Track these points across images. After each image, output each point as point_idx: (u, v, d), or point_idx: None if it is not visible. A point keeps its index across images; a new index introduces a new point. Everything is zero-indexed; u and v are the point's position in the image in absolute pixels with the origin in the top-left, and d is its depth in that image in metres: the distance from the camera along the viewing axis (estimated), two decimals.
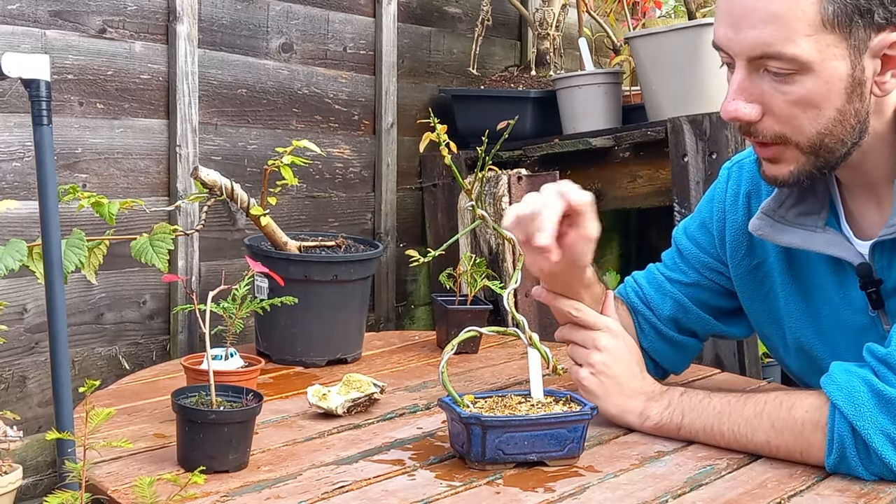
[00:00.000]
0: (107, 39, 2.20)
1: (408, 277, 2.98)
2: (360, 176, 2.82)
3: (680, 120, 2.54)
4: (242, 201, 1.87)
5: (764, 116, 1.33)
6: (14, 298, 2.05)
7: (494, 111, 2.68)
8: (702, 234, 1.65)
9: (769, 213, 1.46)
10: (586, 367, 1.50)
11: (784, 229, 1.45)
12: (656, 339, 1.67)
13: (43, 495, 1.91)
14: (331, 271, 1.93)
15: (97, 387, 1.10)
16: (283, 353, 1.93)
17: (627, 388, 1.49)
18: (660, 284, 1.68)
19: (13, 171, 2.05)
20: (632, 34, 2.79)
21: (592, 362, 1.49)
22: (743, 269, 1.59)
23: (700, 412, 1.42)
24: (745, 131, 1.36)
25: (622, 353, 1.50)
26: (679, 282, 1.66)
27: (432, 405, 1.64)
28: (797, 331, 1.53)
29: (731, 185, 1.60)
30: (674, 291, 1.66)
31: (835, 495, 1.26)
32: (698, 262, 1.65)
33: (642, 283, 1.71)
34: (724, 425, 1.40)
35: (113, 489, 1.24)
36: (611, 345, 1.50)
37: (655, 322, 1.67)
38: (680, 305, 1.65)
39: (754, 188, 1.56)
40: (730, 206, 1.59)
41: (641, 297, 1.69)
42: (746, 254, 1.58)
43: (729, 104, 1.34)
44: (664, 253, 1.73)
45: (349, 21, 2.77)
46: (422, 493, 1.24)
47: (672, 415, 1.44)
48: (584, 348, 1.51)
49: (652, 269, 1.72)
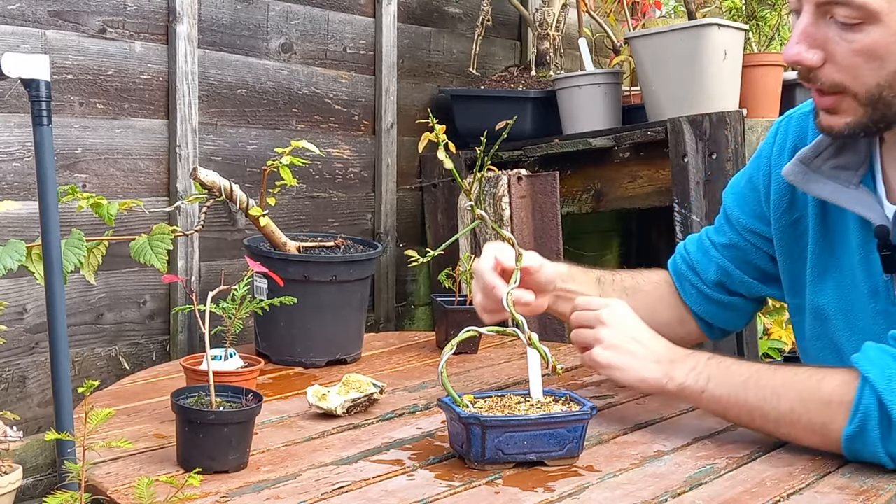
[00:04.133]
0: (107, 39, 2.20)
1: (408, 277, 2.98)
2: (359, 176, 2.82)
3: (680, 120, 2.54)
4: (241, 202, 1.87)
5: (825, 64, 1.33)
6: (14, 298, 2.05)
7: (494, 111, 2.68)
8: (749, 190, 1.65)
9: (805, 160, 1.46)
10: (596, 346, 1.48)
11: (816, 179, 1.45)
12: (704, 302, 1.71)
13: (43, 495, 1.91)
14: (330, 272, 1.93)
15: (97, 387, 1.10)
16: (282, 353, 1.93)
17: (645, 352, 1.46)
18: (706, 250, 1.70)
19: (13, 171, 2.05)
20: (632, 34, 2.79)
21: (600, 338, 1.47)
22: (784, 223, 1.58)
23: (727, 378, 1.40)
24: (805, 77, 1.36)
25: (627, 320, 1.49)
26: (723, 245, 1.68)
27: (432, 405, 1.64)
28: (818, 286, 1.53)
29: (779, 138, 1.60)
30: (717, 256, 1.68)
31: (834, 493, 1.26)
32: (739, 224, 1.66)
33: (690, 249, 1.74)
34: (749, 392, 1.38)
35: (112, 490, 1.24)
36: (613, 316, 1.48)
37: (702, 286, 1.70)
38: (724, 270, 1.67)
39: (800, 141, 1.55)
40: (776, 160, 1.59)
41: (689, 263, 1.73)
42: (788, 208, 1.58)
43: (791, 48, 1.34)
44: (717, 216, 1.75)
45: (349, 21, 2.77)
46: (421, 494, 1.24)
47: (697, 378, 1.42)
48: (588, 329, 1.50)
49: (702, 234, 1.75)
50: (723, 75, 2.63)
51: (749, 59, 2.76)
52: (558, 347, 2.15)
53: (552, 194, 2.58)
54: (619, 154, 2.77)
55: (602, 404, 1.64)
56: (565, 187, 2.79)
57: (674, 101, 2.63)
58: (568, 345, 2.26)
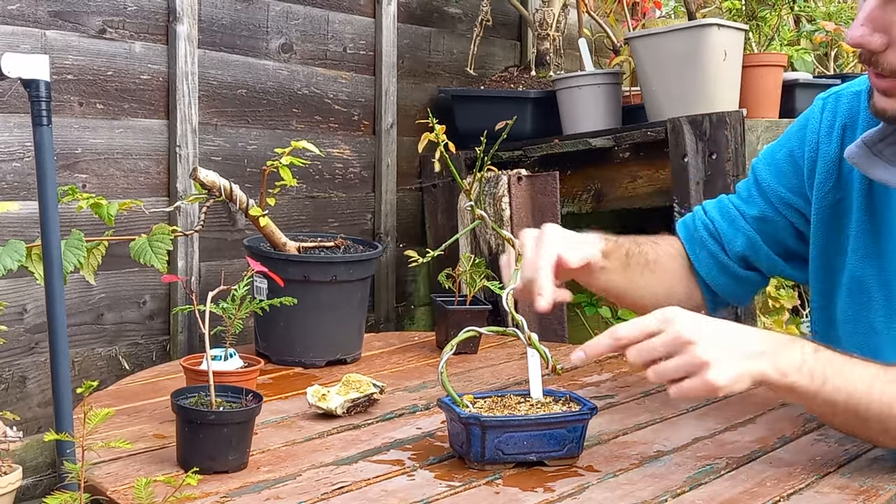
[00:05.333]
0: (107, 40, 2.20)
1: (408, 278, 2.98)
2: (359, 176, 2.82)
3: (680, 120, 2.54)
4: (241, 202, 1.87)
5: (888, 48, 1.31)
6: (14, 298, 2.05)
7: (494, 111, 2.68)
8: (788, 164, 1.61)
9: (869, 143, 1.42)
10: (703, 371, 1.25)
11: (878, 163, 1.42)
12: (719, 273, 1.66)
13: (43, 495, 1.91)
14: (330, 272, 1.93)
15: (97, 387, 1.10)
16: (282, 353, 1.93)
17: (750, 350, 1.29)
18: (733, 219, 1.65)
19: (13, 172, 2.05)
20: (632, 35, 2.79)
21: (703, 361, 1.25)
22: (827, 202, 1.55)
23: (844, 382, 1.28)
24: (866, 59, 1.34)
25: (709, 324, 1.30)
26: (753, 217, 1.63)
27: (432, 405, 1.64)
28: (858, 269, 1.50)
29: (827, 115, 1.57)
30: (747, 228, 1.63)
31: (834, 493, 1.26)
32: (775, 196, 1.61)
33: (714, 216, 1.67)
34: (873, 403, 1.27)
35: (112, 490, 1.24)
36: (695, 328, 1.28)
37: (721, 256, 1.65)
38: (752, 243, 1.63)
39: (850, 121, 1.53)
40: (824, 137, 1.56)
41: (711, 230, 1.67)
42: (833, 187, 1.54)
43: (856, 30, 1.31)
44: (739, 183, 1.70)
45: (349, 21, 2.77)
46: (421, 494, 1.24)
47: (812, 378, 1.28)
48: (674, 356, 1.27)
49: (724, 201, 1.69)
50: (723, 75, 2.63)
51: (749, 59, 2.76)
52: (558, 347, 2.14)
53: (552, 194, 2.58)
54: (619, 154, 2.77)
55: (602, 404, 1.64)
56: (565, 187, 2.79)
57: (674, 102, 2.63)
58: (568, 345, 2.26)
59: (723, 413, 1.62)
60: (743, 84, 2.72)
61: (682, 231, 1.73)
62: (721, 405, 1.67)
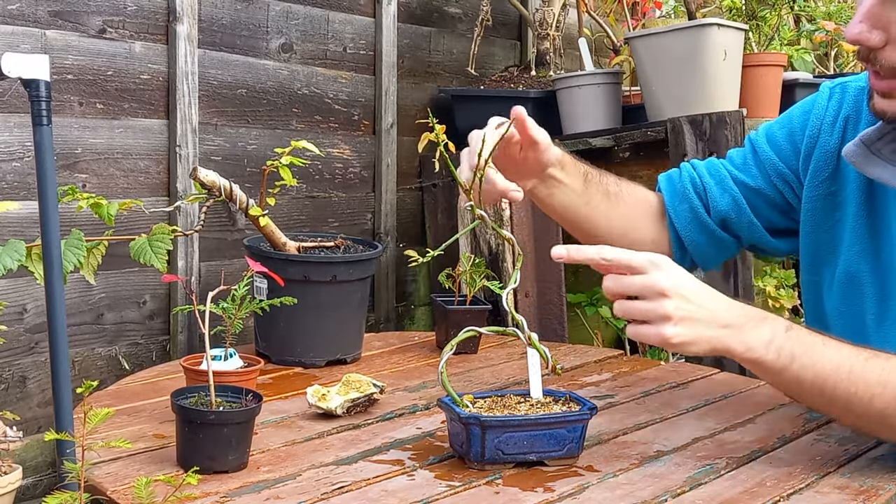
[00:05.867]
0: (107, 39, 2.20)
1: (408, 277, 2.98)
2: (359, 176, 2.82)
3: (680, 120, 2.54)
4: (241, 202, 1.87)
5: (887, 45, 1.31)
6: (14, 298, 2.05)
7: (494, 111, 2.67)
8: (787, 143, 1.61)
9: (867, 142, 1.42)
10: (663, 323, 1.28)
11: (876, 162, 1.41)
12: (696, 229, 1.65)
13: (43, 495, 1.91)
14: (330, 272, 1.93)
15: (96, 387, 1.10)
16: (282, 353, 1.93)
17: (713, 317, 1.30)
18: (722, 179, 1.65)
19: (13, 171, 2.05)
20: (632, 34, 2.79)
21: (668, 314, 1.27)
22: (820, 192, 1.55)
23: (813, 361, 1.29)
24: (864, 57, 1.34)
25: (688, 282, 1.31)
26: (744, 184, 1.63)
27: (432, 405, 1.64)
28: (854, 264, 1.50)
29: (833, 104, 1.56)
30: (734, 190, 1.63)
31: (834, 493, 1.26)
32: (773, 168, 1.61)
33: (702, 173, 1.67)
34: (839, 384, 1.28)
35: (112, 490, 1.24)
36: (673, 282, 1.29)
37: (702, 213, 1.64)
38: (737, 205, 1.62)
39: (854, 113, 1.53)
40: (827, 126, 1.56)
41: (697, 185, 1.67)
42: (828, 178, 1.54)
43: (854, 26, 1.31)
44: (732, 150, 1.69)
45: (349, 21, 2.77)
46: (421, 494, 1.24)
47: (779, 354, 1.30)
48: (644, 300, 1.29)
49: (715, 163, 1.68)
50: (723, 75, 2.63)
51: (749, 59, 2.76)
52: (558, 347, 2.15)
53: None
54: (619, 154, 2.76)
55: (602, 404, 1.64)
56: None
57: (674, 101, 2.63)
58: (568, 345, 2.26)
59: (723, 413, 1.62)
60: (743, 84, 2.72)
61: (665, 183, 1.72)
62: (721, 405, 1.67)
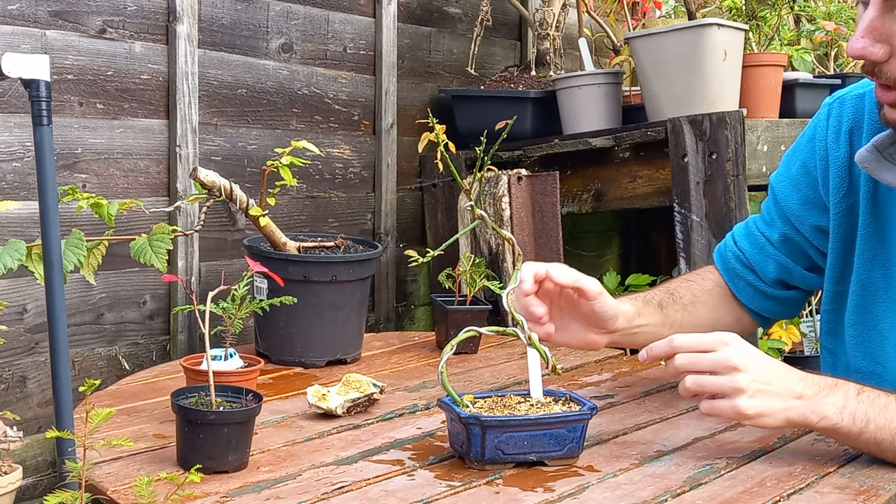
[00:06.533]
0: (107, 39, 2.20)
1: (408, 277, 2.98)
2: (360, 176, 2.82)
3: (680, 120, 2.54)
4: (241, 202, 1.88)
5: (891, 58, 1.31)
6: (14, 298, 2.05)
7: (494, 111, 2.68)
8: (802, 175, 1.62)
9: (880, 147, 1.42)
10: (737, 396, 1.31)
11: (889, 167, 1.42)
12: (762, 299, 1.69)
13: (43, 495, 1.91)
14: (329, 272, 1.93)
15: (97, 387, 1.10)
16: (282, 353, 1.93)
17: (785, 390, 1.33)
18: (761, 247, 1.67)
19: (13, 171, 2.05)
20: (632, 34, 2.79)
21: (741, 387, 1.31)
22: (842, 207, 1.56)
23: (888, 421, 1.32)
24: (870, 71, 1.34)
25: (757, 357, 1.34)
26: (778, 241, 1.65)
27: (432, 405, 1.64)
28: (865, 271, 1.51)
29: (833, 121, 1.57)
30: (775, 253, 1.65)
31: (834, 493, 1.26)
32: (795, 216, 1.63)
33: (744, 247, 1.70)
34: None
35: (113, 489, 1.24)
36: (745, 357, 1.33)
37: (760, 285, 1.68)
38: (783, 267, 1.65)
39: (856, 124, 1.53)
40: (832, 143, 1.56)
41: (744, 262, 1.69)
42: (846, 192, 1.55)
43: (856, 41, 1.31)
44: (763, 202, 1.71)
45: (349, 21, 2.77)
46: (421, 494, 1.24)
47: (854, 419, 1.32)
48: (718, 375, 1.33)
49: (752, 228, 1.70)
50: (723, 75, 2.63)
51: (749, 59, 2.76)
52: (558, 347, 2.14)
53: (552, 194, 2.58)
54: (619, 154, 2.77)
55: (602, 404, 1.64)
56: (565, 187, 2.79)
57: (674, 102, 2.63)
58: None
59: None
60: (743, 84, 2.72)
61: (719, 262, 1.75)
62: None
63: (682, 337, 1.36)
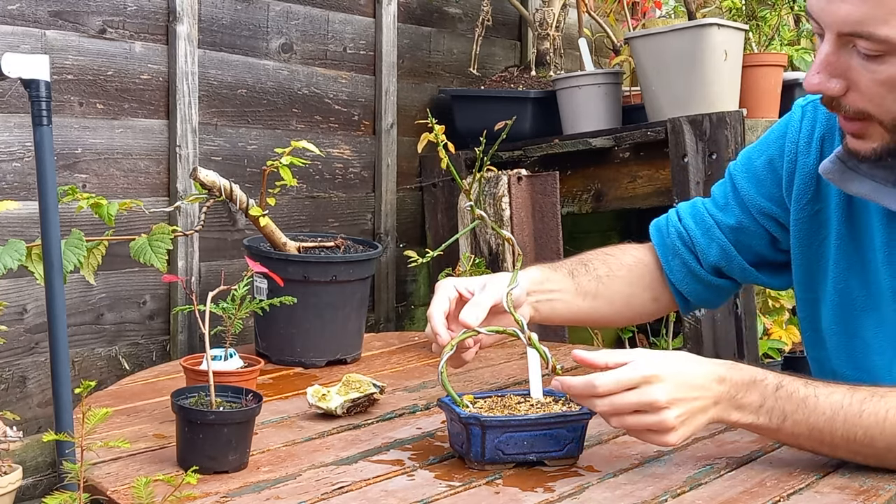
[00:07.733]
0: (107, 40, 2.20)
1: (408, 278, 2.98)
2: (359, 176, 2.82)
3: (680, 120, 2.54)
4: (241, 202, 1.87)
5: (848, 92, 1.30)
6: (14, 298, 2.05)
7: (494, 111, 2.68)
8: (767, 172, 1.60)
9: (843, 158, 1.41)
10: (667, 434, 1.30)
11: (854, 177, 1.41)
12: (692, 281, 1.66)
13: (43, 495, 1.91)
14: (329, 272, 1.93)
15: (96, 387, 1.10)
16: (282, 353, 1.93)
17: (705, 400, 1.32)
18: (708, 228, 1.64)
19: (13, 172, 2.05)
20: (632, 34, 2.79)
21: (671, 425, 1.29)
22: (805, 213, 1.54)
23: (805, 416, 1.32)
24: (828, 104, 1.34)
25: (677, 374, 1.31)
26: (728, 226, 1.62)
27: (432, 405, 1.64)
28: (842, 280, 1.50)
29: (806, 124, 1.55)
30: (721, 238, 1.62)
31: (834, 493, 1.26)
32: (754, 206, 1.60)
33: (689, 225, 1.67)
34: (836, 433, 1.31)
35: (112, 490, 1.24)
36: (668, 390, 1.29)
37: (695, 266, 1.65)
38: (726, 254, 1.62)
39: (829, 131, 1.52)
40: (803, 147, 1.55)
41: (686, 241, 1.67)
42: (812, 198, 1.53)
43: (812, 77, 1.31)
44: (715, 186, 1.68)
45: (349, 21, 2.77)
46: (421, 494, 1.24)
47: (770, 416, 1.32)
48: (643, 414, 1.29)
49: (700, 208, 1.68)
50: (723, 75, 2.63)
51: (749, 59, 2.76)
52: (558, 347, 2.14)
53: (552, 194, 2.58)
54: (619, 154, 2.77)
55: None
56: (565, 187, 2.79)
57: (674, 102, 2.63)
58: (568, 345, 2.26)
59: None
60: (743, 84, 2.72)
61: (656, 236, 1.72)
62: None
63: (602, 380, 1.29)
